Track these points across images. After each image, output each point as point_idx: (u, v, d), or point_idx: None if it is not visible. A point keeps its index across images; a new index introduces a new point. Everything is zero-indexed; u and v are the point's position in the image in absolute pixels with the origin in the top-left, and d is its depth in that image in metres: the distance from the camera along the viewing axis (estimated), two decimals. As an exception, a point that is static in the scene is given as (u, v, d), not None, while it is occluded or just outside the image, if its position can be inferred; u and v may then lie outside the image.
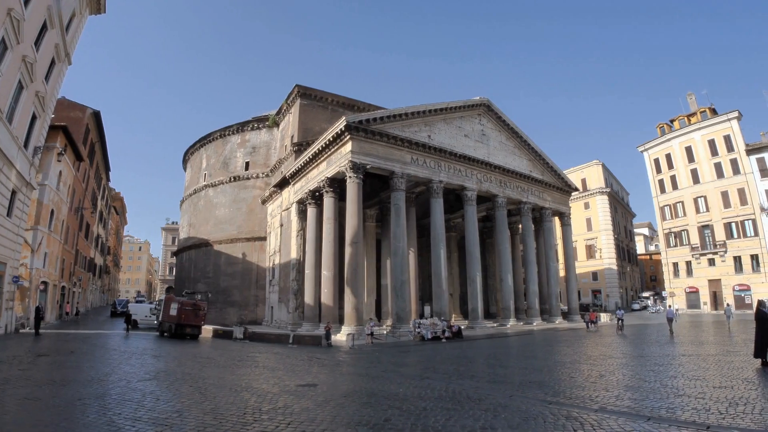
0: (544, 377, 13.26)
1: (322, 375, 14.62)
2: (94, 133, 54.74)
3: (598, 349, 21.77)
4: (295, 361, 18.34)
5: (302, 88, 49.82)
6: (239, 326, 31.34)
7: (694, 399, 9.39)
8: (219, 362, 17.91)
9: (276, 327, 44.15)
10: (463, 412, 8.66)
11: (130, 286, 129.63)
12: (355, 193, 33.28)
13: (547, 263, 47.38)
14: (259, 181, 56.55)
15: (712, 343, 23.82)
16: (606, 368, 15.18)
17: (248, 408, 9.06)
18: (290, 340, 26.98)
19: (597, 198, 74.77)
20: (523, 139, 46.44)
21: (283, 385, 12.07)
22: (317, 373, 15.10)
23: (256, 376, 14.30)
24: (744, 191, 55.97)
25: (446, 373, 14.50)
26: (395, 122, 36.40)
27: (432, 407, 9.08)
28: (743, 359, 15.64)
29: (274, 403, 9.47)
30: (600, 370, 14.57)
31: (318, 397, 10.20)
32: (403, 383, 12.37)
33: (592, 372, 14.23)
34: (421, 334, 29.60)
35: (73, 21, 29.86)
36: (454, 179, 39.12)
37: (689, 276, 61.54)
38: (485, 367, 16.12)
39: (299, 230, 43.04)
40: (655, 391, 10.64)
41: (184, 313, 28.86)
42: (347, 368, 16.34)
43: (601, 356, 18.45)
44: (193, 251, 62.15)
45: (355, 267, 31.97)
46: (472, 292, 38.25)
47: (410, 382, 12.51)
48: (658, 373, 13.58)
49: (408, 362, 18.29)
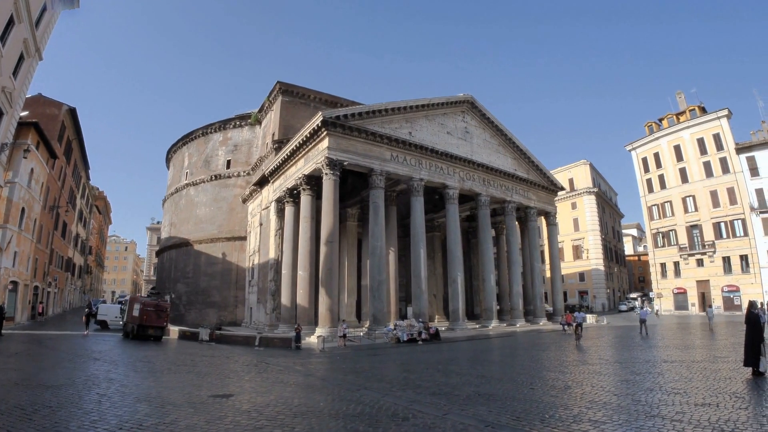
0: (500, 388, 11.93)
1: (251, 383, 13.38)
2: (70, 131, 53.36)
3: (575, 354, 20.61)
4: (238, 366, 17.23)
5: (284, 84, 48.79)
6: (205, 328, 30.26)
7: (669, 422, 7.90)
8: (154, 366, 16.86)
9: (254, 329, 43.04)
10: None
11: (116, 286, 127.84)
12: (331, 190, 32.26)
13: (531, 263, 46.58)
14: (240, 180, 55.40)
15: (699, 347, 22.59)
16: (575, 377, 13.97)
17: (129, 422, 8.00)
18: (256, 343, 25.91)
19: (584, 198, 74.08)
20: (508, 137, 45.62)
21: (195, 396, 10.89)
22: (250, 380, 13.96)
23: (177, 383, 13.08)
24: (733, 190, 55.25)
25: (392, 381, 13.37)
26: (375, 118, 35.44)
27: (337, 429, 7.84)
28: (731, 367, 14.40)
29: (161, 418, 8.36)
30: (567, 380, 13.30)
31: (215, 412, 9.01)
32: (335, 394, 11.26)
33: (558, 382, 12.93)
34: (396, 336, 28.63)
35: (44, 16, 29.11)
36: (435, 177, 38.20)
37: (677, 277, 60.88)
38: (440, 374, 14.72)
39: (277, 229, 41.97)
40: (623, 410, 9.08)
41: (146, 314, 27.95)
42: (292, 375, 15.04)
43: (575, 362, 17.29)
44: (173, 251, 60.87)
45: (329, 267, 30.94)
46: (453, 293, 37.34)
47: (344, 393, 11.33)
48: (633, 384, 12.23)
49: (364, 368, 17.12)
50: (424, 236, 36.81)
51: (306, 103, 49.04)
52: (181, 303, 56.48)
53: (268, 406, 9.61)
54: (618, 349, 23.01)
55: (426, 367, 16.86)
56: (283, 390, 12.19)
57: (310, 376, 14.68)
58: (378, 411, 9.17)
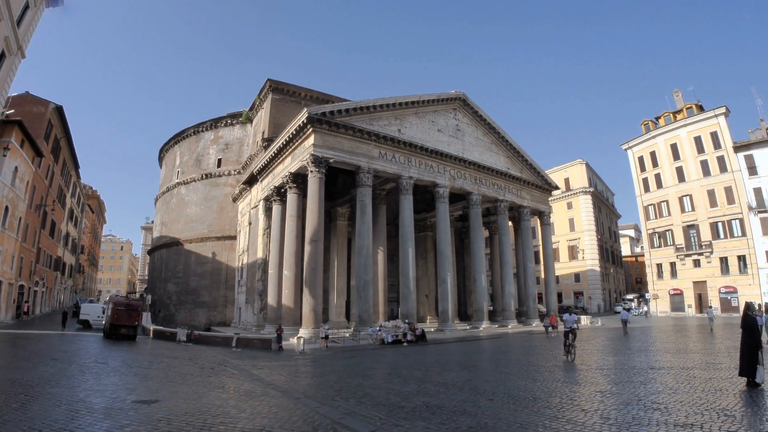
0: (455, 398, 10.67)
1: (191, 387, 12.46)
2: (58, 129, 52.67)
3: (556, 359, 19.35)
4: (194, 369, 16.41)
5: (274, 82, 48.18)
6: (183, 328, 29.64)
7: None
8: (107, 367, 16.05)
9: (242, 329, 42.40)
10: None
11: (111, 285, 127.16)
12: (316, 188, 31.57)
13: (524, 264, 45.81)
14: (231, 179, 54.75)
15: (692, 351, 21.36)
16: (547, 386, 12.50)
17: (31, 429, 7.39)
18: (233, 344, 25.21)
19: (580, 198, 73.29)
20: (501, 135, 44.92)
21: (118, 401, 10.18)
22: (193, 384, 13.09)
23: (114, 386, 12.30)
24: (731, 190, 54.34)
25: (342, 389, 12.35)
26: (363, 115, 34.77)
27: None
28: (725, 376, 13.03)
29: (64, 425, 7.80)
30: (536, 390, 11.85)
31: (123, 419, 8.35)
32: (267, 403, 10.33)
33: (524, 393, 11.48)
34: (381, 337, 27.93)
35: (26, 13, 28.85)
36: (425, 175, 37.51)
37: (673, 277, 60.08)
38: (399, 381, 13.54)
39: (266, 228, 41.30)
40: (586, 430, 7.74)
41: (117, 313, 27.96)
42: (242, 380, 13.99)
43: (552, 368, 16.21)
44: (164, 250, 60.26)
45: (314, 266, 30.25)
46: (442, 293, 36.64)
47: (280, 401, 10.44)
48: (609, 396, 10.80)
49: (328, 372, 16.30)
50: (413, 235, 36.11)
51: (297, 101, 48.33)
52: (171, 303, 55.87)
53: (183, 415, 8.89)
54: (605, 353, 21.99)
55: (391, 372, 15.95)
56: (217, 396, 11.35)
57: (260, 381, 13.69)
58: (299, 425, 8.35)
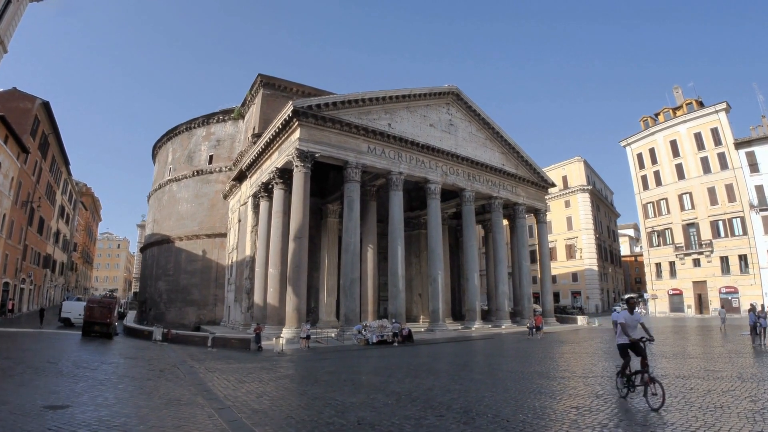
0: (400, 413, 9.21)
1: (116, 392, 11.47)
2: (45, 125, 51.83)
3: (544, 363, 18.08)
4: (142, 371, 15.40)
5: (265, 77, 47.28)
6: (159, 327, 28.91)
7: None
8: (55, 367, 15.18)
9: (231, 328, 41.52)
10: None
11: (107, 283, 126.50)
12: (301, 183, 30.65)
13: (520, 262, 44.76)
14: (222, 175, 53.82)
15: (690, 356, 19.63)
16: (517, 398, 10.73)
17: None
18: (209, 344, 24.28)
19: (578, 196, 71.94)
20: (495, 131, 43.88)
21: (27, 406, 9.31)
22: (122, 389, 12.10)
23: (37, 389, 11.32)
24: (732, 187, 53.07)
25: (277, 400, 11.01)
26: (351, 108, 33.81)
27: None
28: (726, 387, 11.43)
29: None
30: (501, 404, 10.11)
31: (14, 427, 7.58)
32: (178, 415, 9.27)
33: (487, 407, 9.73)
34: (366, 337, 26.95)
35: (8, 8, 28.29)
36: (416, 171, 36.50)
37: (673, 277, 58.89)
38: (350, 390, 12.17)
39: (254, 225, 40.38)
40: None
41: (89, 310, 28.06)
42: (182, 387, 12.60)
43: (532, 375, 14.67)
44: (155, 248, 59.38)
45: (297, 264, 29.31)
46: (432, 292, 35.66)
47: (194, 412, 9.45)
48: (587, 412, 9.05)
49: (285, 375, 15.19)
50: (403, 232, 35.14)
51: (288, 96, 47.27)
52: (162, 301, 54.99)
53: (80, 424, 8.02)
54: (595, 357, 20.46)
55: (350, 378, 14.68)
56: (135, 404, 10.35)
57: (200, 386, 12.44)
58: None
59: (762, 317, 22.68)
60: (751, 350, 20.21)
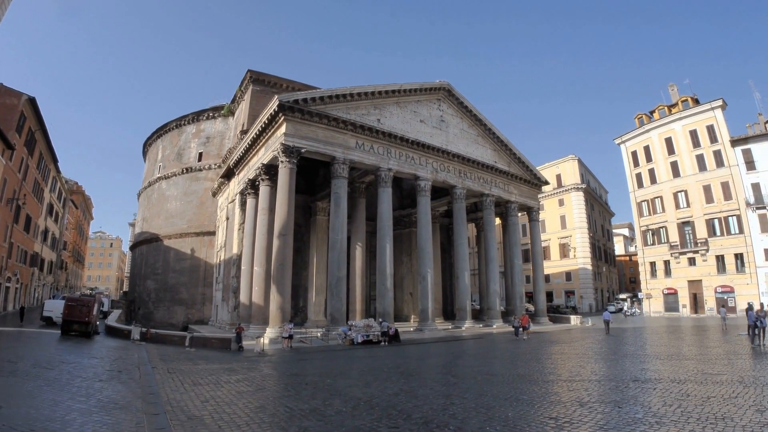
0: (348, 425, 8.28)
1: (55, 395, 10.73)
2: (32, 121, 50.87)
3: (529, 365, 17.27)
4: (98, 371, 14.64)
5: (255, 73, 46.61)
6: (137, 326, 28.22)
7: None
8: (13, 366, 14.51)
9: (218, 328, 40.80)
10: None
11: (100, 282, 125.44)
12: (286, 179, 29.91)
13: (512, 261, 44.12)
14: (212, 173, 53.06)
15: (686, 357, 18.82)
16: (490, 406, 9.75)
17: None
18: (187, 343, 23.58)
19: (572, 194, 71.36)
20: (488, 127, 43.23)
21: None
22: (64, 390, 11.30)
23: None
24: (728, 185, 52.43)
25: (208, 403, 10.17)
26: (339, 103, 33.10)
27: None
28: (727, 393, 10.43)
29: None
30: (469, 413, 9.24)
31: None
32: (93, 420, 8.55)
33: (452, 417, 8.86)
34: (351, 337, 26.29)
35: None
36: (405, 167, 35.84)
37: (667, 276, 58.31)
38: (307, 395, 11.31)
39: (241, 223, 39.66)
40: None
41: (68, 309, 27.42)
42: (124, 390, 11.94)
43: (515, 378, 13.74)
44: (144, 246, 58.69)
45: (281, 262, 28.57)
46: (422, 291, 35.01)
47: (128, 417, 8.80)
48: (567, 425, 8.07)
49: (244, 379, 14.14)
50: (392, 230, 34.46)
51: (278, 93, 46.27)
52: (150, 300, 54.27)
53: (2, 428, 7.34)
54: (586, 359, 19.69)
55: (314, 380, 13.74)
56: (68, 407, 9.48)
57: (140, 390, 11.61)
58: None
59: (762, 316, 22.08)
60: (750, 351, 19.57)
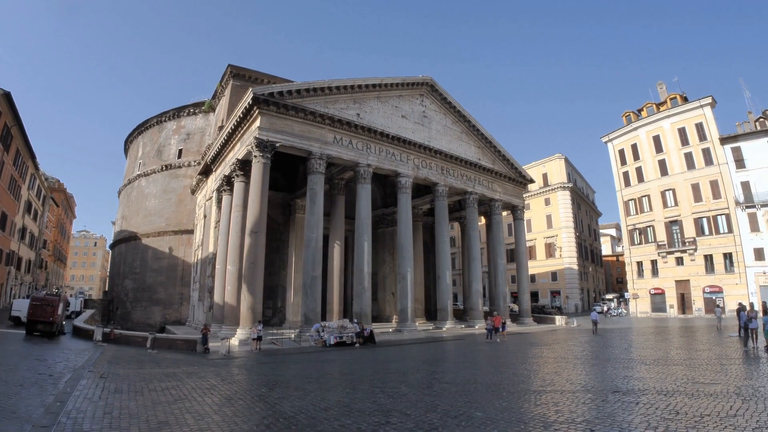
0: None
1: None
2: (8, 117, 49.28)
3: (500, 371, 15.98)
4: (24, 376, 13.20)
5: (235, 68, 45.52)
6: (100, 327, 27.16)
7: None
8: None
9: (194, 328, 39.59)
10: None
11: (83, 282, 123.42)
12: (259, 175, 28.88)
13: (495, 260, 43.32)
14: (191, 170, 51.85)
15: (674, 362, 17.43)
16: (429, 422, 8.39)
17: None
18: (148, 345, 22.49)
19: (558, 193, 70.72)
20: (472, 124, 42.45)
21: None
22: None
23: None
24: (717, 183, 51.83)
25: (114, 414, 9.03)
26: (317, 97, 32.12)
27: None
28: (724, 409, 8.75)
29: None
30: (427, 425, 8.10)
31: None
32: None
33: None
34: (323, 339, 25.34)
35: None
36: (385, 163, 34.94)
37: (654, 276, 57.79)
38: (226, 411, 9.89)
39: (217, 221, 38.56)
40: None
41: (32, 308, 26.61)
42: (33, 396, 10.69)
43: (479, 387, 12.33)
44: (123, 245, 57.34)
45: (253, 260, 27.57)
46: (401, 291, 34.14)
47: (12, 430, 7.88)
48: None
49: (178, 386, 12.71)
50: (370, 228, 33.58)
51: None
52: (128, 300, 52.97)
53: None
54: (565, 363, 18.41)
55: (247, 390, 12.90)
56: None
57: (63, 395, 10.46)
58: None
59: (753, 317, 21.28)
60: (743, 355, 18.45)
